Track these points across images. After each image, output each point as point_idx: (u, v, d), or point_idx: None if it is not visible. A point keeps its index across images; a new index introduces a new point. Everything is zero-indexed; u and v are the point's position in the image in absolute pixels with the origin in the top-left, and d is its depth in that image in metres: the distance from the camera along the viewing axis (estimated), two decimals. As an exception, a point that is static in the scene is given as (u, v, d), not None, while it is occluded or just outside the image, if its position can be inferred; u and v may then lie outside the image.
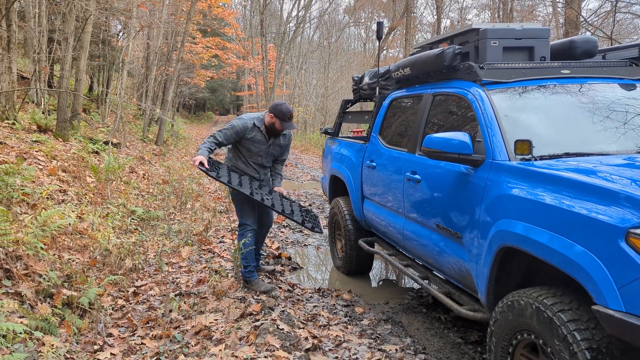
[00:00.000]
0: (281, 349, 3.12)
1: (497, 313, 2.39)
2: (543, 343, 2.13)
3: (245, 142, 4.19)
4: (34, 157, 6.43)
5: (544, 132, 2.81)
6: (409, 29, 20.06)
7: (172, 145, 16.76)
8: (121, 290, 4.14)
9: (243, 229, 4.28)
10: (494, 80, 3.03)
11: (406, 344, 3.36)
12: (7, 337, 2.85)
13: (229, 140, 4.15)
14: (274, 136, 4.25)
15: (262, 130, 4.20)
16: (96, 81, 18.63)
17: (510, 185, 2.47)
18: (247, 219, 4.26)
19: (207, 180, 10.63)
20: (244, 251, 4.17)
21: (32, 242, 3.94)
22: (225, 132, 4.11)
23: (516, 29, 3.33)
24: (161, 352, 3.14)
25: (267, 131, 4.22)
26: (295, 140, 24.63)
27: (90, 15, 9.63)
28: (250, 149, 4.22)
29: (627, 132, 2.77)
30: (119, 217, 5.77)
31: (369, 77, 4.89)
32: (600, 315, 1.85)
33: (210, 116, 56.40)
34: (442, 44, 3.84)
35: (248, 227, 4.26)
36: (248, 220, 4.26)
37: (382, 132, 4.30)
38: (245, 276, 4.28)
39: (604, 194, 1.99)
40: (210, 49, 23.22)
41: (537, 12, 20.00)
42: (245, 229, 4.26)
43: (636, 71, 3.24)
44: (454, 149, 2.72)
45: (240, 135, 4.13)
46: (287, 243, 6.14)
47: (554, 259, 2.09)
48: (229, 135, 4.12)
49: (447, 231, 2.99)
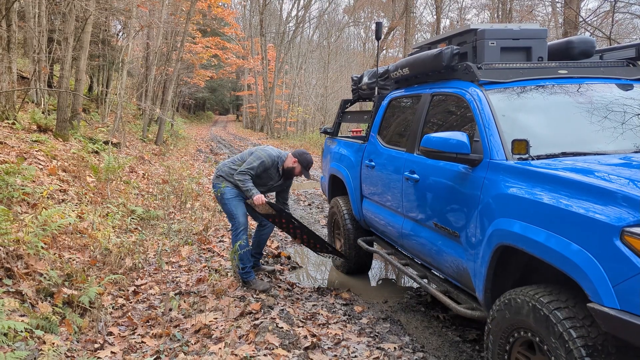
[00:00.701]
0: (280, 348, 3.14)
1: (495, 311, 2.41)
2: (540, 341, 2.15)
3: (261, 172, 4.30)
4: (34, 156, 6.44)
5: (542, 132, 2.83)
6: (409, 28, 20.08)
7: (171, 145, 16.77)
8: (121, 289, 4.16)
9: (236, 230, 4.31)
10: (492, 81, 3.05)
11: (405, 342, 3.38)
12: (8, 335, 2.87)
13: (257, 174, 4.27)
14: (286, 178, 4.44)
15: (279, 169, 4.37)
16: (96, 81, 18.65)
17: (507, 184, 2.49)
18: (240, 221, 4.29)
19: (206, 180, 10.64)
20: (240, 252, 4.19)
21: (32, 241, 3.95)
22: (256, 168, 4.20)
23: (514, 29, 3.35)
24: (161, 351, 3.15)
25: (284, 172, 4.39)
26: (294, 139, 24.64)
27: (90, 15, 9.65)
28: (260, 177, 4.31)
29: (624, 131, 2.78)
30: (119, 216, 5.79)
31: (368, 77, 4.91)
32: (595, 312, 1.88)
33: (210, 116, 56.43)
34: (440, 44, 3.86)
35: (241, 228, 4.29)
36: (241, 221, 4.29)
37: (380, 131, 4.32)
38: (243, 277, 4.32)
39: (600, 193, 2.01)
40: (210, 49, 23.24)
41: (536, 12, 20.03)
42: (239, 230, 4.29)
43: (633, 71, 3.26)
44: (452, 148, 2.74)
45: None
46: (286, 242, 6.16)
47: (551, 258, 2.11)
48: (259, 172, 4.25)
49: (445, 230, 3.01)
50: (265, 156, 4.26)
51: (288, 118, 32.46)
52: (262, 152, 4.29)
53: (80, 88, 10.36)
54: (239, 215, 4.30)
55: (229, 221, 4.42)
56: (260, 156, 4.25)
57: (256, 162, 4.21)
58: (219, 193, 4.32)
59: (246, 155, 4.35)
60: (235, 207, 4.30)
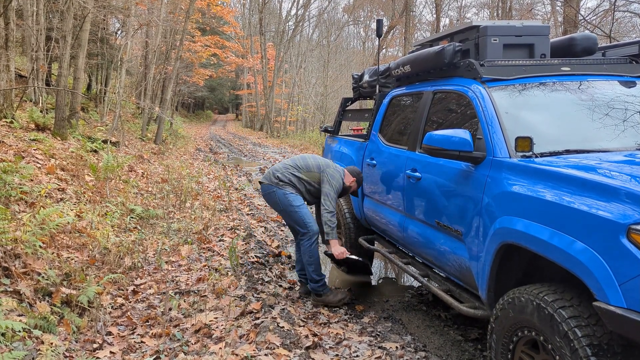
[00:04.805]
0: (281, 347, 3.12)
1: (498, 310, 2.38)
2: (544, 340, 2.12)
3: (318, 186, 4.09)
4: (32, 155, 6.41)
5: (545, 129, 2.80)
6: (408, 27, 20.06)
7: (171, 144, 16.74)
8: (120, 289, 4.13)
9: (311, 239, 3.92)
10: (495, 78, 3.02)
11: (406, 341, 3.36)
12: (6, 335, 2.85)
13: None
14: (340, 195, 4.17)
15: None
16: (94, 80, 18.61)
17: (510, 182, 2.46)
18: (315, 229, 3.96)
19: (206, 179, 10.62)
20: (316, 262, 3.93)
21: (30, 240, 3.92)
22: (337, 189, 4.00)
23: (516, 26, 3.32)
24: (161, 351, 3.13)
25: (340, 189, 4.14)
26: (294, 139, 24.62)
27: (89, 13, 9.61)
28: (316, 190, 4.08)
29: (627, 129, 2.76)
30: (118, 215, 5.76)
31: (368, 75, 4.88)
32: (601, 311, 1.85)
33: (209, 115, 56.36)
34: (442, 41, 3.83)
35: (316, 236, 3.97)
36: (315, 229, 3.97)
37: (382, 130, 4.29)
38: (319, 290, 3.98)
39: (604, 190, 1.99)
40: (209, 48, 23.21)
41: (535, 10, 20.02)
42: (314, 238, 3.94)
43: (636, 68, 3.24)
44: (455, 146, 2.71)
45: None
46: (287, 241, 6.13)
47: (555, 256, 2.09)
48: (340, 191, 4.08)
49: (447, 229, 2.99)
50: (338, 177, 4.03)
51: (288, 117, 32.42)
52: (337, 175, 4.03)
53: (79, 87, 10.32)
54: (313, 223, 3.99)
55: (298, 228, 4.02)
56: (338, 179, 4.02)
57: (336, 185, 3.99)
58: (284, 198, 3.97)
59: (313, 167, 4.05)
60: (307, 215, 3.99)
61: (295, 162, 4.14)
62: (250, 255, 5.25)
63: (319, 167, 4.07)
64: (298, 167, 4.08)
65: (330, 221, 3.87)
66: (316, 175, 4.06)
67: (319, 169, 4.06)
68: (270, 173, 4.12)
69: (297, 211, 3.96)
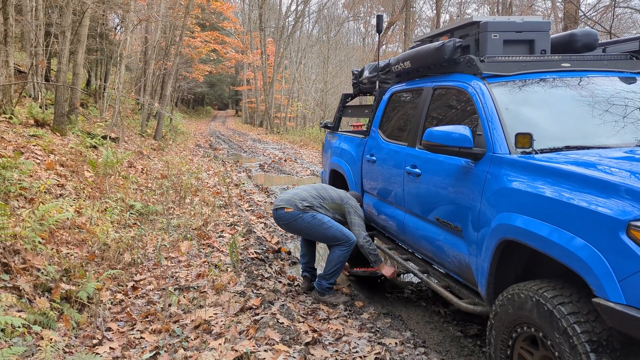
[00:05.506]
0: (281, 343, 3.12)
1: (497, 306, 2.38)
2: (543, 336, 2.12)
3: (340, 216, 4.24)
4: (31, 151, 6.40)
5: (545, 126, 2.79)
6: (408, 23, 20.01)
7: (170, 139, 16.72)
8: (120, 285, 4.14)
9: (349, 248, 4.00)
10: (495, 74, 3.01)
11: (406, 337, 3.36)
12: (5, 331, 2.85)
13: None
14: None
15: None
16: (94, 75, 18.57)
17: (510, 178, 2.46)
18: (351, 236, 4.03)
19: (206, 175, 10.61)
20: (341, 269, 4.04)
21: (30, 236, 3.92)
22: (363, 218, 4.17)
23: (517, 21, 3.31)
24: (160, 346, 3.13)
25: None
26: (294, 135, 24.60)
27: (88, 8, 9.57)
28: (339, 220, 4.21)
29: (628, 125, 2.76)
30: (117, 211, 5.75)
31: (368, 71, 4.87)
32: (601, 308, 1.85)
33: (209, 111, 56.28)
34: (442, 37, 3.82)
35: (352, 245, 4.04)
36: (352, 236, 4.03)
37: (382, 126, 4.28)
38: (325, 290, 4.08)
39: (604, 186, 1.99)
40: (209, 43, 23.15)
41: (536, 6, 19.94)
42: (351, 248, 4.02)
43: (636, 64, 3.23)
44: (455, 142, 2.70)
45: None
46: (286, 238, 6.13)
47: (554, 252, 2.09)
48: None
49: (447, 225, 2.99)
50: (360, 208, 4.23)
51: (287, 113, 32.38)
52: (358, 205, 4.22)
53: (78, 82, 10.30)
54: (349, 233, 4.03)
55: (334, 243, 4.03)
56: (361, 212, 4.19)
57: (360, 212, 4.17)
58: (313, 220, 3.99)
59: (336, 199, 4.16)
60: (341, 227, 4.03)
61: (319, 192, 4.21)
62: (249, 252, 5.25)
63: (341, 199, 4.21)
64: (323, 198, 4.18)
65: (372, 249, 3.98)
66: (340, 207, 4.19)
67: (342, 201, 4.19)
68: (294, 200, 4.07)
69: (331, 226, 4.02)
